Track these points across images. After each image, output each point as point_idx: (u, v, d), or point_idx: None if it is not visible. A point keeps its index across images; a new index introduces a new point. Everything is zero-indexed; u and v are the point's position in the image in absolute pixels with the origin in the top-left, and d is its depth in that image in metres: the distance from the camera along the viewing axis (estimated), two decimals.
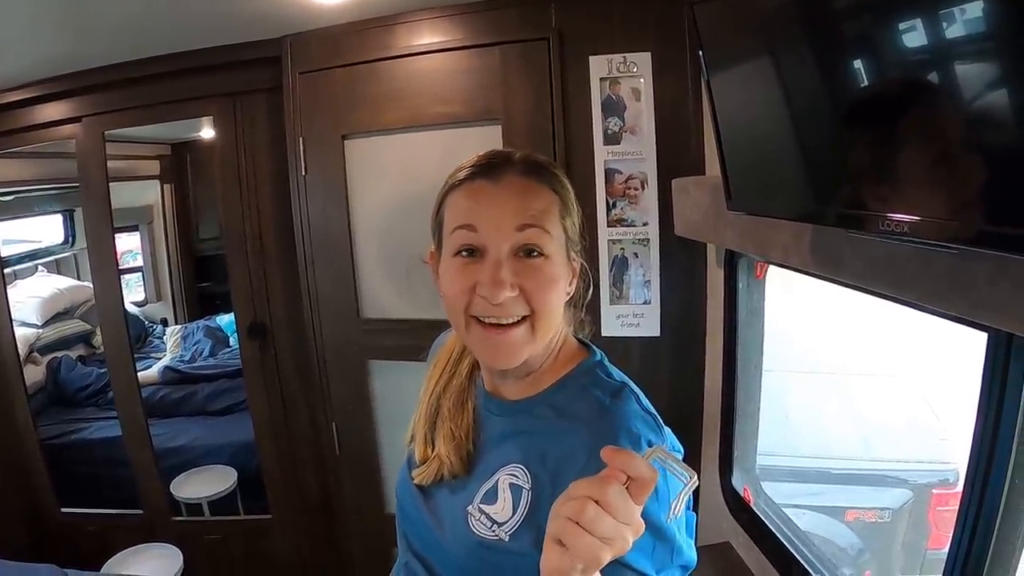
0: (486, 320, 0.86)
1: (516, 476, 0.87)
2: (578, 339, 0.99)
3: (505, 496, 0.87)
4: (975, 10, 0.70)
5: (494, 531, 0.86)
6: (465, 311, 0.87)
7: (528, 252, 0.85)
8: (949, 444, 2.79)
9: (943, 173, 0.80)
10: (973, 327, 0.96)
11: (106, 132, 2.58)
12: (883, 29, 0.83)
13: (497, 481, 0.89)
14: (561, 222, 0.88)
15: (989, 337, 0.95)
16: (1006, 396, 0.92)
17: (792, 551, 1.54)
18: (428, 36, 2.09)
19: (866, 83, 0.91)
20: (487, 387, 0.98)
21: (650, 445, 0.80)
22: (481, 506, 0.89)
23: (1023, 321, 0.80)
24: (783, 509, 1.78)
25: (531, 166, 0.90)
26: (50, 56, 2.26)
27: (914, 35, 0.80)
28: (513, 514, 0.86)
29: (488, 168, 0.89)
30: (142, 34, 2.13)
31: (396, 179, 2.24)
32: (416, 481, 0.99)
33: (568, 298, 0.93)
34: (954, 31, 0.74)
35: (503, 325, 0.86)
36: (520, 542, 0.84)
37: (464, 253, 0.87)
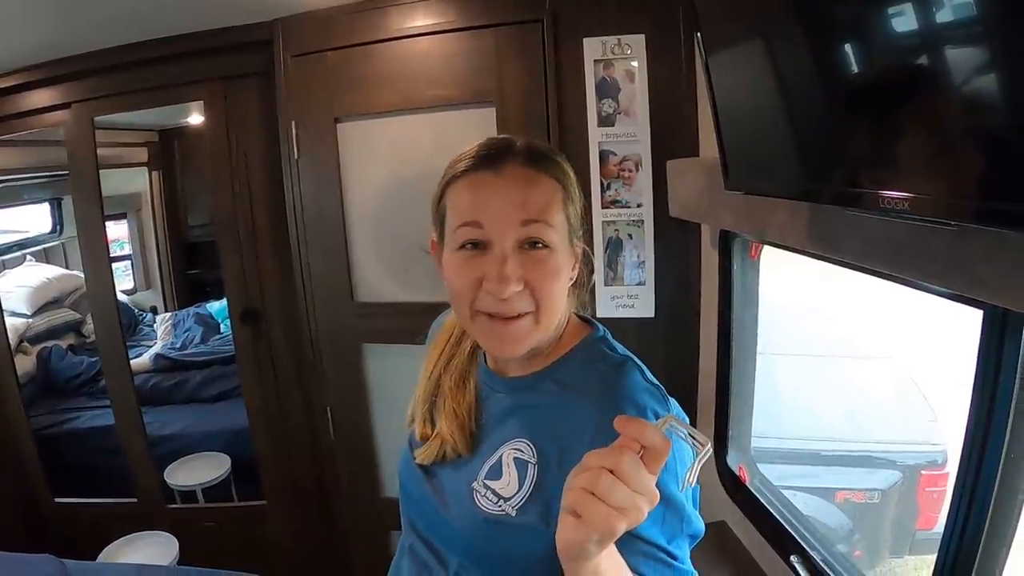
0: (491, 313, 0.87)
1: (521, 451, 0.88)
2: (580, 316, 1.00)
3: (510, 471, 0.88)
4: None
5: (500, 506, 0.86)
6: (471, 305, 0.88)
7: (532, 244, 0.86)
8: (938, 425, 2.83)
9: (942, 150, 0.80)
10: (970, 304, 0.98)
11: (96, 118, 2.54)
12: (880, 8, 0.83)
13: (501, 456, 0.89)
14: (564, 211, 0.89)
15: (985, 314, 0.96)
16: (1002, 373, 0.93)
17: (788, 529, 1.56)
18: (421, 19, 2.07)
19: (864, 61, 0.91)
20: (489, 365, 0.99)
21: (656, 416, 0.81)
22: (486, 482, 0.89)
23: (1017, 296, 0.81)
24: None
25: (534, 155, 0.89)
26: (38, 42, 2.23)
27: (910, 14, 0.80)
28: (519, 489, 0.86)
29: (490, 158, 0.89)
30: (132, 18, 2.11)
31: (389, 162, 2.23)
32: (418, 460, 1.00)
33: (571, 283, 0.93)
34: (948, 11, 0.74)
35: (508, 316, 0.86)
36: (527, 516, 0.84)
37: (468, 246, 0.87)
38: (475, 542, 0.89)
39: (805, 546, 1.48)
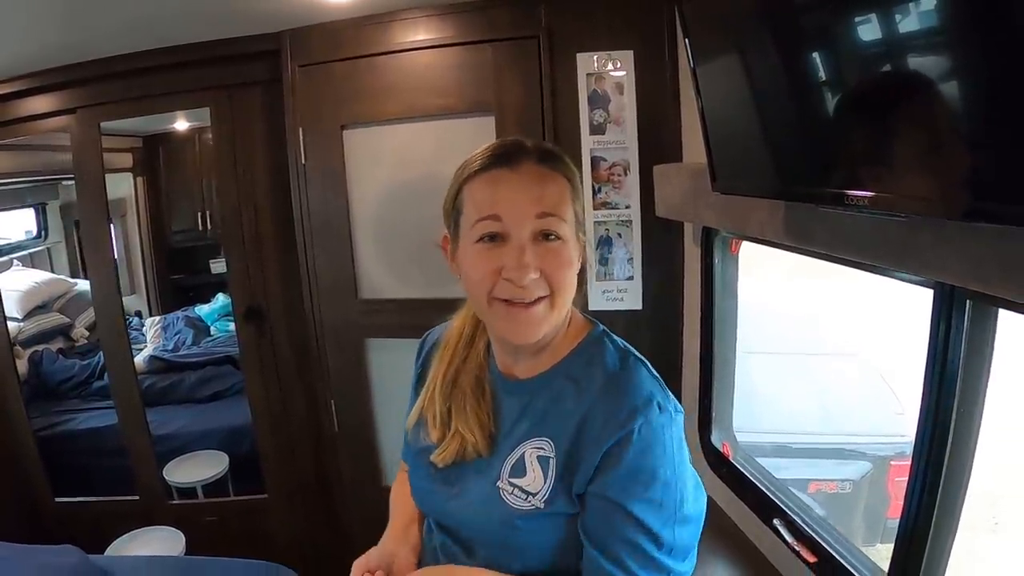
0: (509, 299, 0.92)
1: (542, 448, 0.94)
2: (581, 313, 1.05)
3: (534, 468, 0.94)
4: (928, 3, 0.82)
5: (530, 501, 0.93)
6: (488, 294, 0.92)
7: (546, 236, 0.91)
8: (906, 418, 2.97)
9: (893, 155, 0.95)
10: (922, 285, 1.15)
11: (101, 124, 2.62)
12: (845, 22, 0.96)
13: (523, 454, 0.95)
14: (572, 206, 0.95)
15: (935, 292, 1.13)
16: (951, 337, 1.10)
17: (771, 497, 1.70)
18: (424, 33, 2.21)
19: (830, 73, 1.05)
20: (500, 368, 1.04)
21: (659, 406, 0.90)
22: (511, 480, 0.95)
23: (959, 275, 0.97)
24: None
25: (545, 154, 0.95)
26: (45, 48, 2.28)
27: (872, 28, 0.92)
28: (545, 482, 0.93)
29: (506, 156, 0.94)
30: (142, 27, 2.17)
31: (393, 167, 2.35)
32: (438, 463, 1.03)
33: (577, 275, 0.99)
34: (911, 23, 0.86)
35: (525, 302, 0.91)
36: (555, 506, 0.92)
37: (487, 239, 0.92)
38: (507, 535, 0.96)
39: (789, 512, 1.62)
